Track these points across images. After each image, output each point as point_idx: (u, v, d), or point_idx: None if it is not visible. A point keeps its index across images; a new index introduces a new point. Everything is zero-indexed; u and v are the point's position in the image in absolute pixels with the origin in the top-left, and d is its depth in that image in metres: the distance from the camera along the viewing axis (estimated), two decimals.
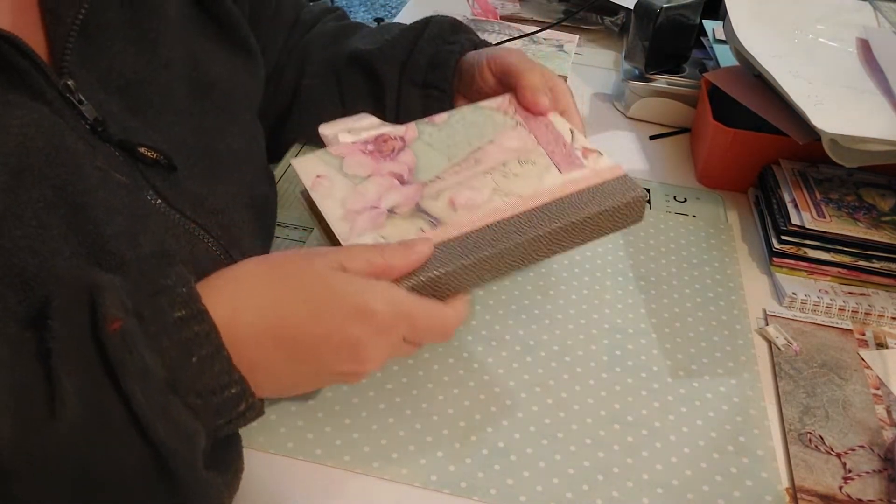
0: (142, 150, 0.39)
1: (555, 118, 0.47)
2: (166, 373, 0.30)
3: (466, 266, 0.37)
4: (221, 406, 0.31)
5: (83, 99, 0.37)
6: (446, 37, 0.54)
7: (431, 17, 0.56)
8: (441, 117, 0.46)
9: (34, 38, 0.36)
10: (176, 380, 0.30)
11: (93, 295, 0.30)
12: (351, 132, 0.45)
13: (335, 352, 0.33)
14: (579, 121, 0.48)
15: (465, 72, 0.52)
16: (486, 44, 0.56)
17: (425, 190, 0.42)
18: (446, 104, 0.53)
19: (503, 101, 0.48)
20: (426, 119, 0.46)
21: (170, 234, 0.40)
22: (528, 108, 0.47)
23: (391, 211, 0.40)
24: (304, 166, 0.42)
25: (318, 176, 0.41)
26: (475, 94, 0.52)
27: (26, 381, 0.29)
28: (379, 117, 0.56)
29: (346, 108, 0.57)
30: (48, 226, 0.34)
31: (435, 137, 0.45)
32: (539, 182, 0.43)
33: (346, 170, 0.42)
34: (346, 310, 0.33)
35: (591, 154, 0.45)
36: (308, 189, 0.41)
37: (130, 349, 0.29)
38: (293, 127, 0.59)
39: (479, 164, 0.43)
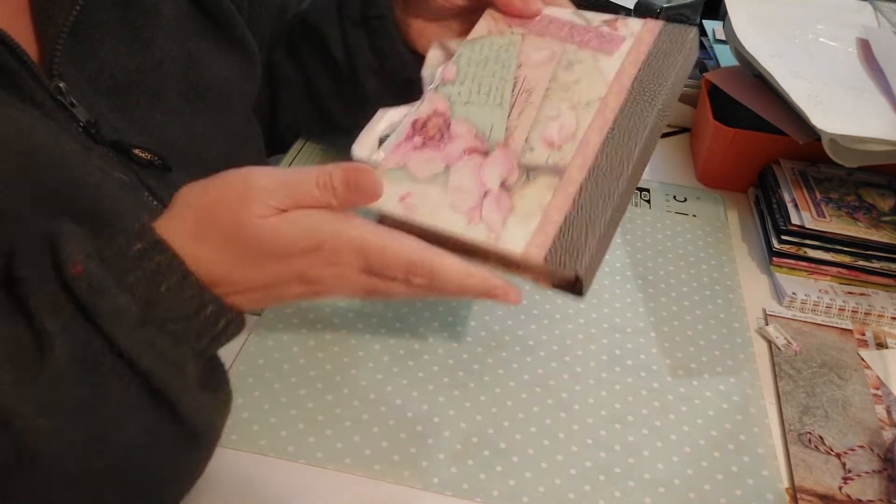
0: (136, 150, 0.39)
1: (549, 10, 0.43)
2: (139, 308, 0.29)
3: (623, 192, 0.35)
4: (202, 327, 0.31)
5: (74, 101, 0.37)
6: None
7: None
8: (449, 73, 0.42)
9: (24, 39, 0.36)
10: (150, 312, 0.30)
11: (52, 242, 0.30)
12: (381, 138, 0.40)
13: (285, 284, 0.33)
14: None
15: None
16: None
17: (512, 147, 0.37)
18: (392, 33, 0.49)
19: (487, 22, 0.43)
20: (437, 82, 0.41)
21: None
22: (522, 16, 0.43)
23: (504, 186, 0.36)
24: (383, 203, 0.36)
25: (401, 198, 0.36)
26: (436, 14, 0.47)
27: (12, 330, 0.29)
28: (333, 72, 0.51)
29: (307, 76, 0.55)
30: (63, 213, 0.34)
31: (465, 94, 0.40)
32: (602, 75, 0.39)
33: (419, 174, 0.37)
34: (289, 253, 0.32)
35: (616, 23, 0.41)
36: (403, 217, 0.36)
37: (98, 291, 0.29)
38: (282, 116, 0.58)
39: (531, 93, 0.39)
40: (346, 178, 0.32)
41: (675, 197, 0.62)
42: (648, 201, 0.61)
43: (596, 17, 0.42)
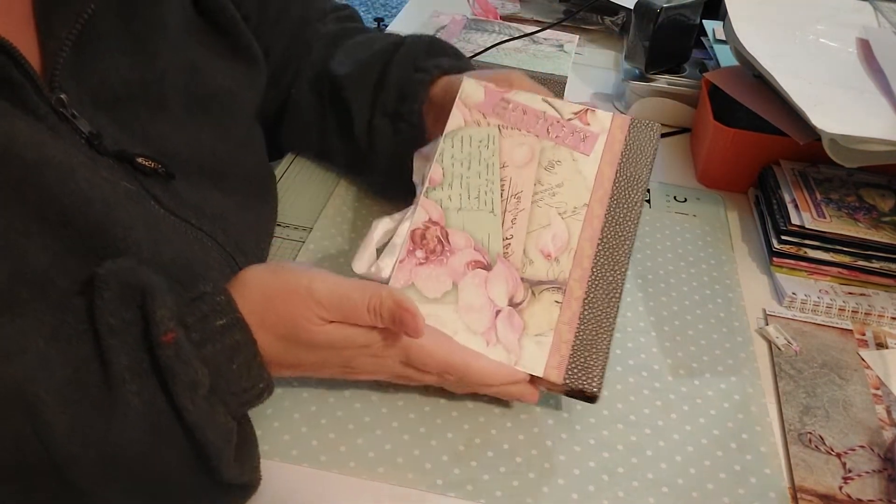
0: (139, 159, 0.39)
1: (518, 96, 0.45)
2: (209, 379, 0.32)
3: (619, 301, 0.40)
4: (248, 399, 0.34)
5: (76, 113, 0.37)
6: (419, 62, 0.52)
7: (406, 37, 0.54)
8: (436, 174, 0.44)
9: (27, 50, 0.36)
10: (217, 384, 0.32)
11: (144, 298, 0.32)
12: (380, 254, 0.42)
13: (328, 368, 0.38)
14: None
15: (440, 98, 0.49)
16: (468, 65, 0.54)
17: (511, 260, 0.41)
18: (417, 135, 0.51)
19: (461, 111, 0.45)
20: (426, 185, 0.43)
21: (182, 240, 0.40)
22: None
23: (512, 303, 0.40)
24: None
25: None
26: None
27: (87, 375, 0.30)
28: (350, 141, 0.53)
29: (324, 128, 0.56)
30: (68, 224, 0.34)
31: (455, 199, 0.43)
32: (583, 179, 0.43)
33: (430, 294, 0.40)
34: (339, 348, 0.37)
35: (586, 116, 0.44)
36: None
37: (183, 361, 0.31)
38: (285, 134, 0.59)
39: (520, 199, 0.42)
40: (393, 313, 0.36)
41: (675, 197, 0.62)
42: (648, 201, 0.61)
43: (566, 108, 0.45)
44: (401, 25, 0.87)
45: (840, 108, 0.54)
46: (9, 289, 0.33)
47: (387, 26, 0.87)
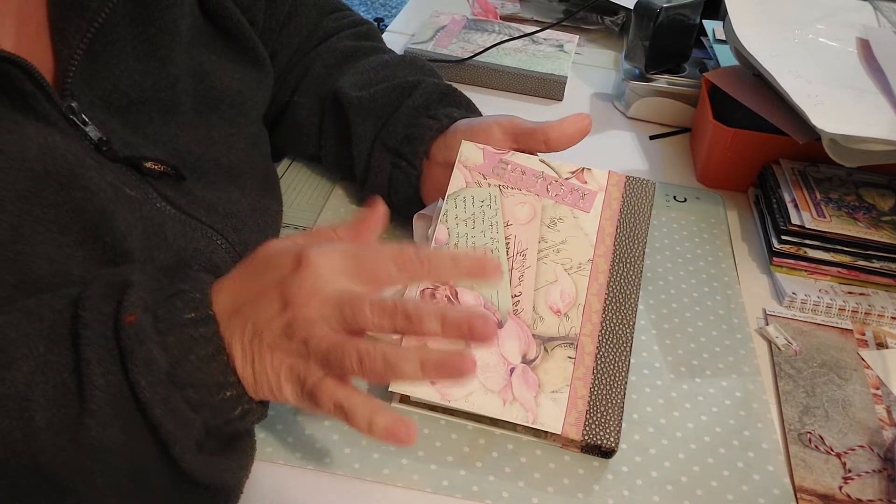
0: (148, 164, 0.39)
1: (516, 157, 0.46)
2: (169, 367, 0.31)
3: (628, 352, 0.41)
4: (218, 407, 0.33)
5: (87, 119, 0.37)
6: (431, 108, 0.52)
7: (422, 80, 0.53)
8: (441, 234, 0.44)
9: (42, 58, 0.36)
10: (176, 374, 0.32)
11: (122, 289, 0.32)
12: None
13: (264, 299, 0.33)
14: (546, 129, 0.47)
15: (444, 147, 0.50)
16: (477, 112, 0.54)
17: (522, 319, 0.41)
18: (412, 179, 0.51)
19: (462, 173, 0.46)
20: (433, 246, 0.44)
21: (187, 239, 0.40)
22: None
23: (525, 360, 0.40)
24: (417, 389, 0.40)
25: (432, 382, 0.39)
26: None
27: (61, 374, 0.31)
28: (345, 160, 0.54)
29: (323, 140, 0.57)
30: (67, 232, 0.34)
31: None
32: (585, 234, 0.44)
33: None
34: (276, 266, 0.34)
35: (583, 175, 0.46)
36: (445, 404, 0.39)
37: (140, 341, 0.31)
38: (280, 138, 0.59)
39: (526, 257, 0.43)
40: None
41: (675, 197, 0.62)
42: None
43: (562, 168, 0.46)
44: (401, 25, 0.87)
45: (840, 108, 0.54)
46: (13, 298, 0.33)
47: (387, 26, 0.87)
